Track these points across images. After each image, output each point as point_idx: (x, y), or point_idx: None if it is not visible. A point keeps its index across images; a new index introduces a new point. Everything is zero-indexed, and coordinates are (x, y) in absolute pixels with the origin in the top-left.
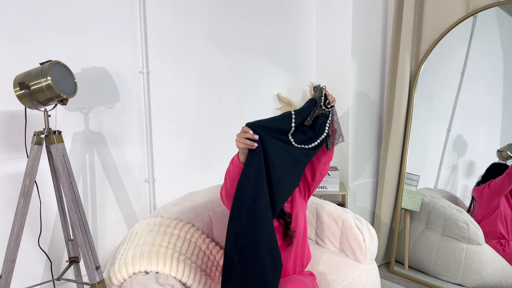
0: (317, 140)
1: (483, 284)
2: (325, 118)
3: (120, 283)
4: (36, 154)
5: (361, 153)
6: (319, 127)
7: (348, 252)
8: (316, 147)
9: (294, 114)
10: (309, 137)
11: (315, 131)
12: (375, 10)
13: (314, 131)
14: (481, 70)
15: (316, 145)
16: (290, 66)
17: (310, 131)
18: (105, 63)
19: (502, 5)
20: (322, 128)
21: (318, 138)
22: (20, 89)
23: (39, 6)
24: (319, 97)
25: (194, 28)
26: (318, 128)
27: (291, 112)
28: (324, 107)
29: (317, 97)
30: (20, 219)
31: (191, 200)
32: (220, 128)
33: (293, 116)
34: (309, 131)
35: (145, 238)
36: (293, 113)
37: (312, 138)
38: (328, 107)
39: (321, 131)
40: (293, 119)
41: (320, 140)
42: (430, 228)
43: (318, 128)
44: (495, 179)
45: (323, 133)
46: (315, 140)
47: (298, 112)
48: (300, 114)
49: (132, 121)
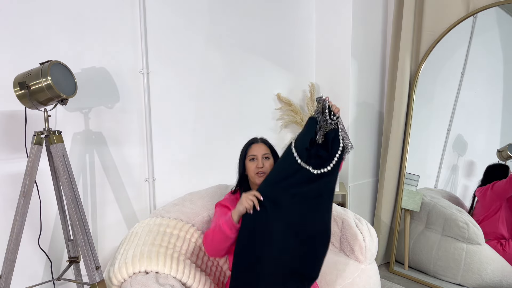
0: (333, 159)
1: (483, 284)
2: (335, 133)
3: (120, 283)
4: (36, 154)
5: (361, 153)
6: (331, 144)
7: (348, 252)
8: (335, 166)
9: (295, 148)
10: (325, 159)
11: (328, 150)
12: (375, 10)
13: (327, 151)
14: (481, 70)
15: (334, 164)
16: (290, 66)
17: (323, 152)
18: (105, 63)
19: (502, 5)
20: (335, 143)
21: (334, 157)
22: (20, 89)
23: (39, 6)
24: (322, 110)
25: (194, 28)
26: (331, 146)
27: (291, 148)
28: (330, 120)
29: (320, 110)
30: (20, 219)
31: (191, 200)
32: (220, 128)
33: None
34: (322, 152)
35: (145, 238)
36: (293, 149)
37: (328, 160)
38: (334, 119)
39: (335, 147)
40: (295, 155)
41: (337, 157)
42: (430, 228)
43: (331, 145)
44: (499, 181)
45: (338, 149)
46: (331, 160)
47: (300, 141)
48: (303, 141)
49: (132, 121)
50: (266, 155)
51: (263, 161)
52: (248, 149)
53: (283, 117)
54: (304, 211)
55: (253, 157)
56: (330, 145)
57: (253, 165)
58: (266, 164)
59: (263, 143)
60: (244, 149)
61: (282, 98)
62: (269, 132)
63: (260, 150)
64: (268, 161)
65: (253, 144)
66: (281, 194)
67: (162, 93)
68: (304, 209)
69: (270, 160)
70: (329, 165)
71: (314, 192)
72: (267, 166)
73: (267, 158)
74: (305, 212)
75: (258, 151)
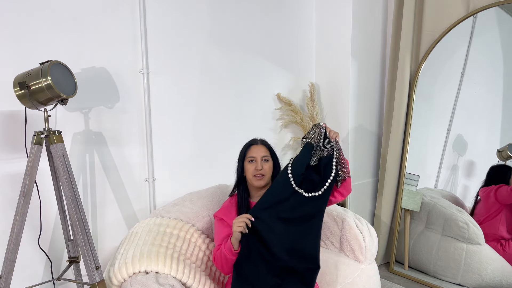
0: (325, 185)
1: (483, 284)
2: (329, 158)
3: (120, 283)
4: (36, 154)
5: (361, 153)
6: (324, 170)
7: (348, 252)
8: (326, 191)
9: (291, 172)
10: (316, 183)
11: (320, 175)
12: (375, 10)
13: (319, 176)
14: (481, 70)
15: (325, 190)
16: (290, 66)
17: (316, 176)
18: (105, 63)
19: (502, 5)
20: (328, 169)
21: (326, 182)
22: (20, 89)
23: (39, 6)
24: (319, 135)
25: (194, 28)
26: (323, 172)
27: (288, 172)
28: (323, 147)
29: (316, 135)
30: (20, 219)
31: (191, 200)
32: (220, 128)
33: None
34: (315, 176)
35: (145, 238)
36: (290, 173)
37: (320, 183)
38: (328, 147)
39: (328, 173)
40: (291, 180)
41: (329, 183)
42: (430, 228)
43: (324, 171)
44: (503, 187)
45: (330, 175)
46: (323, 186)
47: (296, 165)
48: (299, 166)
49: (132, 121)
50: (265, 158)
51: (262, 163)
52: (247, 150)
53: (283, 117)
54: (296, 236)
55: (252, 159)
56: (322, 170)
57: (251, 167)
58: (265, 167)
59: (262, 144)
60: (243, 150)
61: (282, 98)
62: (269, 132)
63: (259, 152)
64: (267, 163)
65: (252, 146)
66: (274, 219)
67: (162, 93)
68: (296, 234)
69: (269, 162)
70: (321, 189)
71: (305, 215)
72: (266, 169)
73: (266, 161)
74: (296, 237)
75: (257, 153)
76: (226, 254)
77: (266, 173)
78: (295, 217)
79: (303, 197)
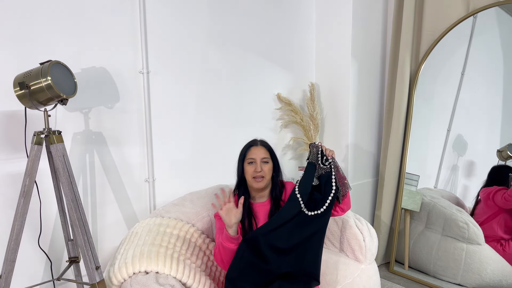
0: (326, 202)
1: (483, 284)
2: (328, 176)
3: (120, 283)
4: (36, 154)
5: (361, 153)
6: (324, 187)
7: (348, 252)
8: (327, 208)
9: (299, 193)
10: (318, 201)
11: (321, 193)
12: (375, 10)
13: (320, 194)
14: (481, 70)
15: (327, 207)
16: (290, 66)
17: (317, 194)
18: (105, 63)
19: (502, 5)
20: (328, 186)
21: (327, 199)
22: (20, 89)
23: (39, 6)
24: (316, 154)
25: (194, 28)
26: (324, 189)
27: (296, 194)
28: (322, 165)
29: (314, 155)
30: (20, 219)
31: (191, 200)
32: (220, 128)
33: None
34: (317, 194)
35: (145, 238)
36: (298, 194)
37: (321, 201)
38: (326, 164)
39: (328, 190)
40: (300, 202)
41: (330, 200)
42: (430, 228)
43: (324, 188)
44: (500, 192)
45: (331, 192)
46: (324, 203)
47: (302, 186)
48: (305, 187)
49: (132, 121)
50: (265, 159)
51: (262, 165)
52: (247, 151)
53: (283, 117)
54: (299, 252)
55: (251, 160)
56: (323, 188)
57: (251, 169)
58: (265, 169)
59: (262, 146)
60: (243, 152)
61: (282, 98)
62: (269, 132)
63: (259, 153)
64: (267, 165)
65: (252, 147)
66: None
67: (162, 93)
68: (299, 251)
69: (269, 164)
70: (322, 207)
71: (308, 232)
72: (265, 171)
73: (265, 163)
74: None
75: (257, 154)
76: (223, 244)
77: (265, 175)
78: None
79: (306, 215)
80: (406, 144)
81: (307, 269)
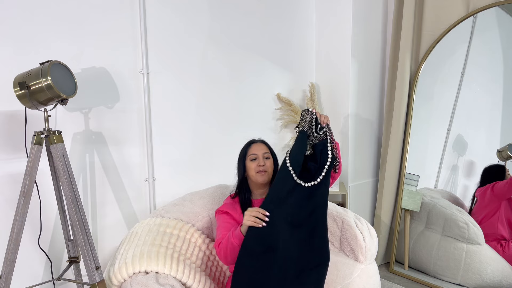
0: (322, 172)
1: (483, 284)
2: (324, 144)
3: (120, 283)
4: (36, 154)
5: (361, 153)
6: (320, 157)
7: (348, 252)
8: (324, 177)
9: (289, 162)
10: (314, 172)
11: (317, 163)
12: (375, 10)
13: (316, 163)
14: (481, 70)
15: (324, 176)
16: (290, 66)
17: (312, 164)
18: (105, 63)
19: (502, 5)
20: (324, 155)
21: (323, 168)
22: (20, 89)
23: (39, 6)
24: (309, 122)
25: (194, 28)
26: (320, 158)
27: (286, 165)
28: (316, 134)
29: (307, 122)
30: (20, 219)
31: (191, 200)
32: (220, 128)
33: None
34: (311, 164)
35: (145, 238)
36: (289, 166)
37: (318, 171)
38: (321, 133)
39: (324, 159)
40: (292, 172)
41: (326, 169)
42: (430, 228)
43: (320, 157)
44: (499, 182)
45: (327, 161)
46: (321, 172)
47: (294, 156)
48: (297, 156)
49: (132, 121)
50: (266, 155)
51: (264, 160)
52: (248, 149)
53: (283, 117)
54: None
55: (254, 156)
56: (318, 157)
57: (254, 164)
58: (267, 163)
59: (262, 143)
60: (243, 150)
61: (282, 98)
62: (269, 132)
63: (260, 149)
64: (269, 160)
65: (252, 144)
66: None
67: (162, 93)
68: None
69: (270, 159)
70: (319, 177)
71: (308, 209)
72: (268, 165)
73: (267, 158)
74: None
75: (258, 150)
76: (233, 242)
77: (268, 169)
78: (300, 215)
79: (304, 188)
80: (406, 144)
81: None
